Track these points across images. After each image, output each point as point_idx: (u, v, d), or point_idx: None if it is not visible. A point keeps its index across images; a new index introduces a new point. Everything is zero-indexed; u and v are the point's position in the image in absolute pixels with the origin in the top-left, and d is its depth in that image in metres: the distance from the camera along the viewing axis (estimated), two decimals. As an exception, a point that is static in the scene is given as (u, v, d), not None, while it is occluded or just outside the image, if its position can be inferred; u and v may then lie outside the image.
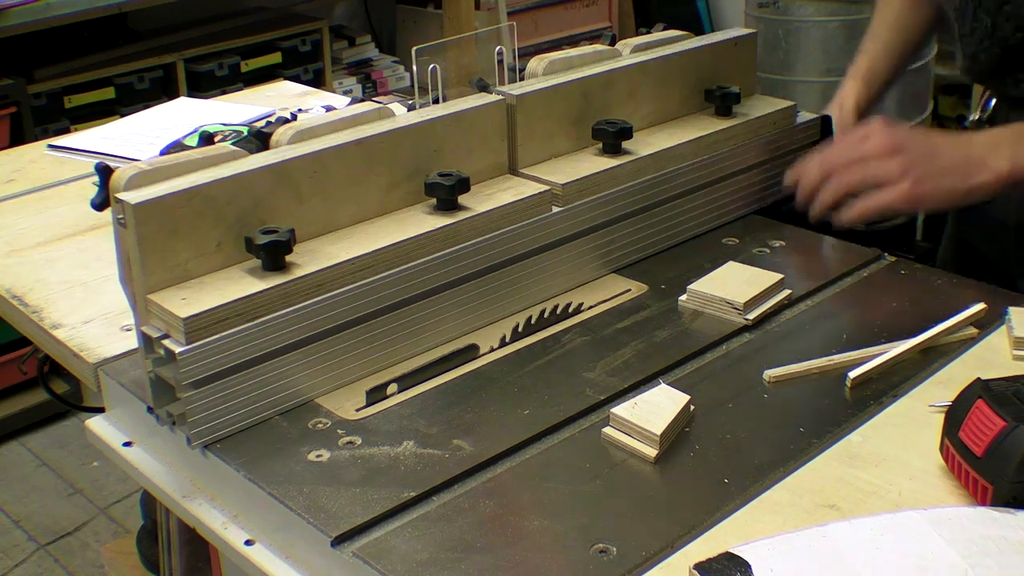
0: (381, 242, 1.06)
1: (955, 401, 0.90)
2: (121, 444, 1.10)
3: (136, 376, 1.06)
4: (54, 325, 1.20)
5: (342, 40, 3.85)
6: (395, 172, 1.12)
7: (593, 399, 1.02)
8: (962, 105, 3.84)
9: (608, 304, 1.19)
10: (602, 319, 1.16)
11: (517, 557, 0.83)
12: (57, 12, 2.85)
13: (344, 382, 1.05)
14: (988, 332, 1.10)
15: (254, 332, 0.97)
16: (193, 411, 0.95)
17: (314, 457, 0.95)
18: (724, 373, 1.07)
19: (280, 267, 1.00)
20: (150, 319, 0.97)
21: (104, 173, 1.18)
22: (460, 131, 1.16)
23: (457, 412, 1.01)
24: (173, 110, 1.96)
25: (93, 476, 2.85)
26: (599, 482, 0.92)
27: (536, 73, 1.27)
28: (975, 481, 0.85)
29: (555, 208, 1.18)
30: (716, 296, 1.16)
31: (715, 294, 1.16)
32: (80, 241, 1.41)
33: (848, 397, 1.02)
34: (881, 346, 1.07)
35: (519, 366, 1.08)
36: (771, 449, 0.95)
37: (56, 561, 2.58)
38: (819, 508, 0.88)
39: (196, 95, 2.77)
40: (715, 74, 1.40)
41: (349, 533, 0.86)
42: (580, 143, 1.27)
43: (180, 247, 0.98)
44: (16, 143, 2.54)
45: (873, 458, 0.93)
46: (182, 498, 1.01)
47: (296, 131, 1.09)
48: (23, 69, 3.00)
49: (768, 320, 1.15)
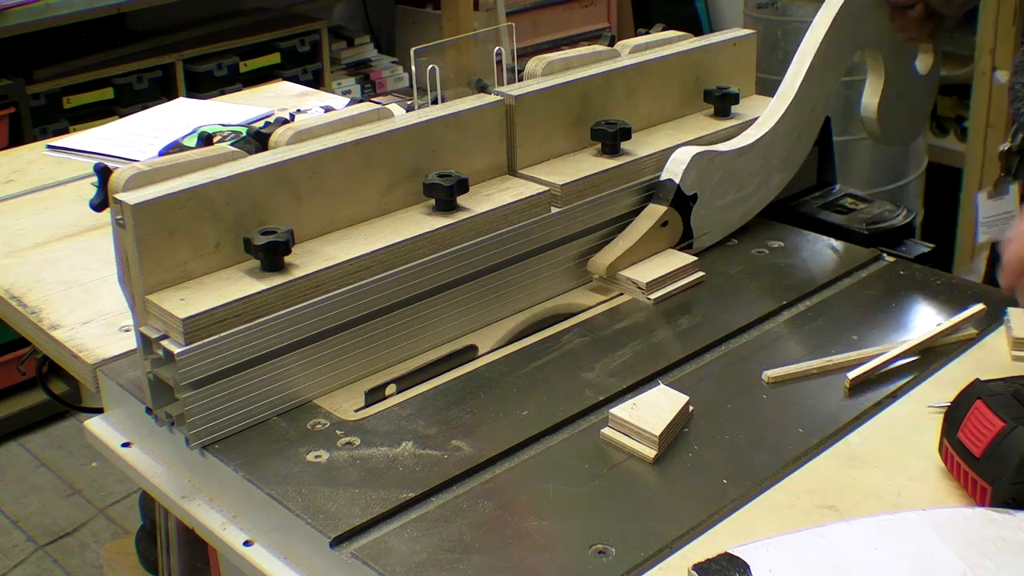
0: (380, 243, 1.06)
1: (954, 402, 0.90)
2: (120, 445, 1.10)
3: (135, 377, 1.06)
4: (53, 326, 1.19)
5: (341, 41, 3.85)
6: (394, 173, 1.12)
7: (592, 400, 1.02)
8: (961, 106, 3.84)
9: (607, 305, 1.19)
10: (601, 320, 1.16)
11: (516, 558, 0.83)
12: (56, 12, 2.85)
13: (343, 383, 1.05)
14: (987, 333, 1.10)
15: (253, 333, 0.97)
16: (192, 412, 0.95)
17: (313, 458, 0.95)
18: (723, 373, 1.07)
19: (279, 268, 1.00)
20: (149, 320, 0.97)
21: (103, 174, 1.18)
22: (459, 132, 1.16)
23: (456, 413, 1.01)
24: (172, 111, 1.96)
25: (92, 477, 2.85)
26: (598, 483, 0.92)
27: (535, 74, 1.27)
28: (974, 482, 0.85)
29: (554, 209, 1.18)
30: (625, 276, 1.20)
31: (625, 274, 1.20)
32: (79, 242, 1.41)
33: (847, 398, 1.02)
34: (880, 347, 1.07)
35: (518, 367, 1.08)
36: (770, 450, 0.95)
37: (55, 562, 2.58)
38: (818, 509, 0.88)
39: (195, 96, 2.77)
40: (714, 74, 1.40)
41: (348, 534, 0.86)
42: (579, 144, 1.27)
43: (179, 248, 0.98)
44: (15, 144, 2.53)
45: (872, 459, 0.93)
46: (181, 499, 1.01)
47: (295, 132, 1.09)
48: (22, 69, 3.00)
49: (768, 320, 1.15)
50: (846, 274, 1.24)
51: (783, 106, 1.32)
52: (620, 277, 1.21)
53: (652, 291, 1.19)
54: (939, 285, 1.21)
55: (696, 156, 1.24)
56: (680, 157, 1.25)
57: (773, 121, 1.31)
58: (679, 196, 1.24)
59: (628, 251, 1.22)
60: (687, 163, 1.24)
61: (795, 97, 1.32)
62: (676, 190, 1.24)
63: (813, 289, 1.21)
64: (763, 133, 1.31)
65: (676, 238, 1.26)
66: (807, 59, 1.32)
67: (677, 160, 1.25)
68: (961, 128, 3.82)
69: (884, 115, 1.42)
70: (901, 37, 1.37)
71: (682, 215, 1.25)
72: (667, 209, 1.23)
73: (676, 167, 1.24)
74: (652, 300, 1.18)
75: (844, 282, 1.23)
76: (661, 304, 1.18)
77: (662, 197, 1.24)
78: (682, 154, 1.25)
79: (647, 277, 1.19)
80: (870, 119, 1.43)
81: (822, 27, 1.33)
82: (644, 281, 1.19)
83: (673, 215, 1.24)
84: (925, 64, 1.46)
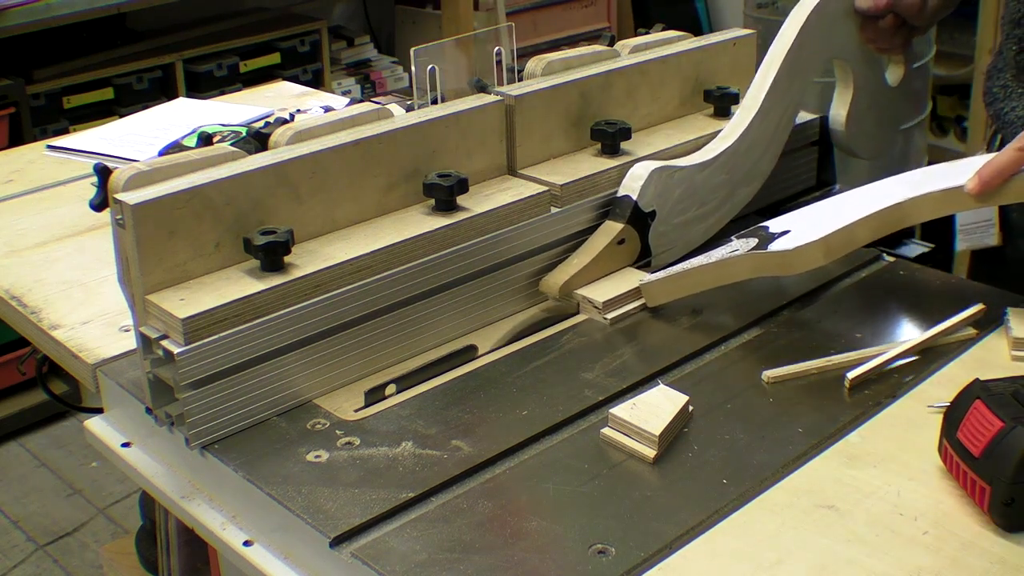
0: (380, 243, 1.06)
1: (953, 402, 0.90)
2: (120, 445, 1.10)
3: (135, 377, 1.06)
4: (53, 326, 1.19)
5: (341, 40, 3.85)
6: (394, 173, 1.12)
7: (592, 400, 1.02)
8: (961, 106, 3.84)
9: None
10: (599, 321, 1.16)
11: (516, 558, 0.83)
12: (56, 13, 2.85)
13: (343, 383, 1.05)
14: (987, 333, 1.11)
15: (253, 333, 0.97)
16: (192, 412, 0.95)
17: (313, 458, 0.95)
18: (723, 374, 1.07)
19: (279, 268, 1.01)
20: (149, 320, 0.97)
21: (103, 174, 1.18)
22: (459, 132, 1.16)
23: (456, 413, 1.01)
24: (172, 111, 1.96)
25: (92, 477, 2.85)
26: (598, 483, 0.92)
27: (535, 74, 1.27)
28: (973, 481, 0.85)
29: (554, 209, 1.18)
30: (581, 295, 1.17)
31: (581, 293, 1.17)
32: (79, 242, 1.41)
33: (847, 398, 1.02)
34: (880, 347, 1.07)
35: (518, 367, 1.08)
36: (770, 450, 0.95)
37: (55, 562, 2.58)
38: (818, 509, 0.88)
39: (195, 95, 2.77)
40: (714, 74, 1.40)
41: (348, 534, 0.86)
42: (579, 144, 1.28)
43: (179, 248, 0.98)
44: (15, 144, 2.53)
45: (872, 459, 0.93)
46: (181, 499, 1.01)
47: (295, 132, 1.09)
48: (22, 69, 3.00)
49: (768, 320, 1.15)
50: (846, 274, 1.24)
51: (747, 118, 1.27)
52: (576, 296, 1.17)
53: (609, 311, 1.15)
54: (939, 285, 1.22)
55: (655, 171, 1.19)
56: (638, 172, 1.20)
57: (737, 134, 1.26)
58: (636, 213, 1.19)
59: (582, 270, 1.17)
60: (645, 178, 1.19)
61: (760, 109, 1.26)
62: (633, 206, 1.19)
63: (813, 289, 1.21)
64: (726, 147, 1.25)
65: (634, 256, 1.21)
66: (773, 69, 1.27)
67: (635, 175, 1.20)
68: (961, 128, 3.82)
69: (853, 127, 1.39)
70: (872, 48, 1.34)
71: (640, 232, 1.20)
72: (624, 226, 1.18)
73: (634, 182, 1.19)
74: (609, 320, 1.14)
75: (844, 282, 1.23)
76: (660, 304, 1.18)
77: (619, 214, 1.19)
78: (640, 169, 1.20)
79: (603, 296, 1.15)
80: (838, 131, 1.39)
81: (789, 36, 1.28)
82: (600, 300, 1.15)
83: (630, 232, 1.19)
84: (896, 75, 1.42)
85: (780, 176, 1.37)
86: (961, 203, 1.10)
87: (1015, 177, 1.06)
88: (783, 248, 1.07)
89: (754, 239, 1.11)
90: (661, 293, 1.16)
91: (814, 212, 1.15)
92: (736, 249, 1.11)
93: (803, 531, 0.85)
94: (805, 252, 1.07)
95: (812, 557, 0.83)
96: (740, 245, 1.11)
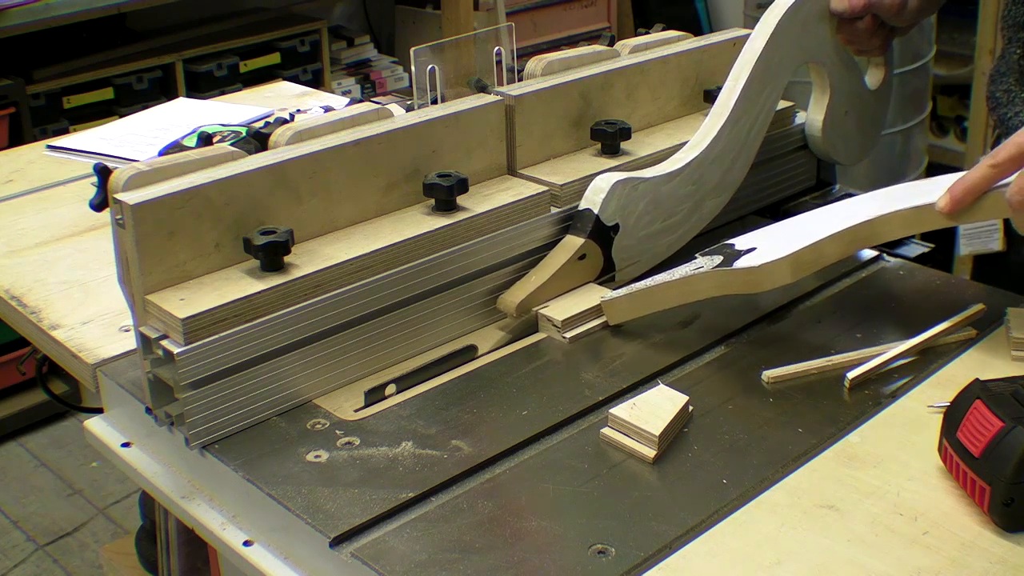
0: (379, 243, 1.06)
1: (953, 402, 0.90)
2: (120, 445, 1.10)
3: (134, 377, 1.06)
4: (53, 326, 1.19)
5: (341, 41, 3.85)
6: (393, 173, 1.12)
7: (592, 400, 1.02)
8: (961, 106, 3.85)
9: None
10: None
11: (516, 558, 0.83)
12: (56, 12, 2.85)
13: (342, 383, 1.05)
14: (987, 333, 1.11)
15: (253, 333, 0.97)
16: (191, 412, 0.95)
17: (312, 458, 0.95)
18: (723, 374, 1.07)
19: (278, 268, 1.01)
20: (148, 320, 0.97)
21: (103, 174, 1.19)
22: (459, 132, 1.16)
23: (456, 413, 1.01)
24: (172, 111, 1.96)
25: (92, 477, 2.85)
26: (598, 483, 0.92)
27: (535, 74, 1.27)
28: (973, 481, 0.85)
29: (554, 209, 1.18)
30: (540, 314, 1.14)
31: (540, 312, 1.13)
32: (79, 242, 1.41)
33: (847, 398, 1.02)
34: (880, 347, 1.07)
35: (518, 367, 1.08)
36: (769, 450, 0.95)
37: (55, 562, 2.58)
38: (817, 508, 0.88)
39: (195, 96, 2.78)
40: (714, 75, 1.40)
41: (348, 534, 0.86)
42: (579, 144, 1.27)
43: (178, 248, 0.98)
44: (15, 144, 2.53)
45: (872, 459, 0.93)
46: (181, 499, 1.01)
47: (295, 132, 1.09)
48: (22, 69, 3.00)
49: (768, 320, 1.15)
50: (846, 274, 1.24)
51: (717, 125, 1.21)
52: (536, 314, 1.14)
53: (568, 329, 1.12)
54: (939, 285, 1.22)
55: (618, 183, 1.15)
56: (600, 184, 1.15)
57: (705, 143, 1.20)
58: (598, 227, 1.14)
59: (541, 287, 1.13)
60: (607, 191, 1.14)
61: (730, 116, 1.21)
62: (595, 220, 1.14)
63: (813, 289, 1.21)
64: (694, 156, 1.20)
65: (596, 271, 1.17)
66: (743, 75, 1.22)
67: (596, 188, 1.15)
68: (961, 128, 3.82)
69: (831, 132, 1.36)
70: (851, 50, 1.31)
71: (602, 247, 1.16)
72: (585, 241, 1.14)
73: (595, 195, 1.15)
74: (568, 339, 1.12)
75: (844, 282, 1.23)
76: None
77: (580, 228, 1.15)
78: (602, 181, 1.15)
79: (563, 315, 1.12)
80: (815, 137, 1.37)
81: (760, 40, 1.23)
82: (560, 319, 1.12)
83: (592, 247, 1.15)
84: (876, 78, 1.39)
85: (780, 176, 1.37)
86: (932, 221, 1.06)
87: (987, 194, 1.02)
88: (749, 265, 1.05)
89: (719, 256, 1.08)
90: (623, 311, 1.13)
91: (781, 229, 1.12)
92: (701, 266, 1.08)
93: (803, 531, 0.85)
94: (772, 269, 1.04)
95: (812, 557, 0.83)
96: (705, 262, 1.08)
